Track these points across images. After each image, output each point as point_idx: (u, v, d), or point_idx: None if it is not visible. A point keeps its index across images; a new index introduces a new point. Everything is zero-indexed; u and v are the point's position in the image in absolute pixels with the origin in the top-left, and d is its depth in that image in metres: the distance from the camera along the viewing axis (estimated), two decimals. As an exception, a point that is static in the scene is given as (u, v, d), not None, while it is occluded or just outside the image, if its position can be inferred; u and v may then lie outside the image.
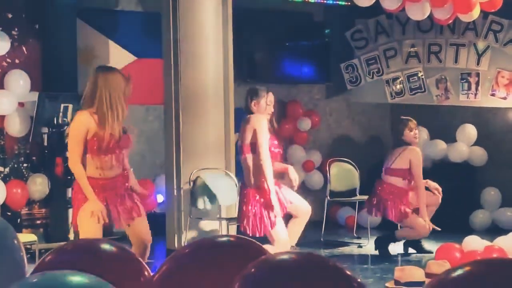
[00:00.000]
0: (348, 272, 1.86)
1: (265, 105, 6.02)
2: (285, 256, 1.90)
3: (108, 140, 4.72)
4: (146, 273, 2.24)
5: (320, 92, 9.91)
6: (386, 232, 7.49)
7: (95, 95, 4.76)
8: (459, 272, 1.86)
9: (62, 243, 2.57)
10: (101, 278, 1.84)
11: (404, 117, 7.40)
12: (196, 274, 2.09)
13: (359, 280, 1.84)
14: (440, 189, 7.28)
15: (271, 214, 5.74)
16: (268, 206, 5.74)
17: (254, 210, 5.77)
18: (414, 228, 7.01)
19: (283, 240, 5.79)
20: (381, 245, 7.22)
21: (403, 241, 7.38)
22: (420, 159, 7.08)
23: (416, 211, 7.06)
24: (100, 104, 4.73)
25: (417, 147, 7.28)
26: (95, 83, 4.80)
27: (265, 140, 5.85)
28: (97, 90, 4.76)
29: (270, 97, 6.10)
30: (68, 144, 4.86)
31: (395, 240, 7.20)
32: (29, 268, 2.41)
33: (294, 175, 6.08)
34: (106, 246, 2.26)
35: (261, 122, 5.91)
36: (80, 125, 4.74)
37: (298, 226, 6.14)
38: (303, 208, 6.10)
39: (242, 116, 8.28)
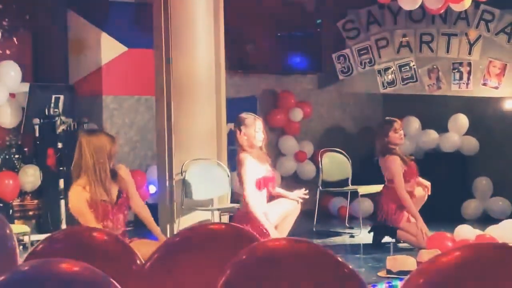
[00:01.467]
0: (340, 259, 1.86)
1: (254, 134, 5.94)
2: (276, 243, 1.91)
3: (100, 207, 4.80)
4: (138, 261, 2.25)
5: (312, 82, 9.91)
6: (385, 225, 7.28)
7: (81, 161, 4.87)
8: (444, 258, 1.88)
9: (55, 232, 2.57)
10: (93, 266, 1.84)
11: (389, 118, 7.23)
12: (188, 261, 2.10)
13: (350, 266, 1.85)
14: (429, 187, 7.18)
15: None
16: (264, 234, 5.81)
17: None
18: (415, 236, 6.88)
19: None
20: (377, 233, 7.14)
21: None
22: (397, 167, 6.84)
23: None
24: (86, 171, 4.83)
25: (400, 149, 7.05)
26: (79, 147, 4.90)
27: (249, 180, 5.89)
28: (82, 155, 4.86)
29: (259, 124, 6.02)
30: (81, 221, 4.87)
31: (394, 238, 7.06)
32: (21, 259, 2.41)
33: (295, 197, 6.15)
34: (97, 235, 2.26)
35: (244, 160, 5.91)
36: (79, 199, 4.82)
37: (288, 224, 6.22)
38: (291, 209, 6.18)
39: (234, 106, 8.31)
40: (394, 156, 6.91)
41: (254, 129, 5.97)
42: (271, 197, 6.29)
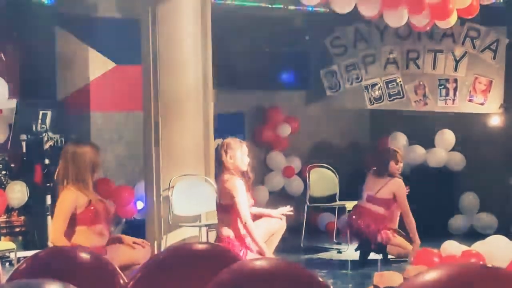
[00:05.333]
0: (321, 279, 1.88)
1: (240, 156, 5.93)
2: (258, 263, 1.92)
3: (97, 210, 4.93)
4: (121, 280, 2.25)
5: (300, 98, 9.95)
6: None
7: (64, 171, 5.00)
8: (427, 276, 1.89)
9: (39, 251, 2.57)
10: (76, 286, 1.84)
11: (392, 148, 7.42)
12: (171, 281, 2.10)
13: (331, 287, 1.86)
14: None
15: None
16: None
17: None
18: (403, 247, 7.03)
19: None
20: (364, 252, 7.19)
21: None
22: (405, 191, 7.13)
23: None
24: (67, 181, 4.97)
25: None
26: (64, 157, 5.03)
27: (245, 204, 5.81)
28: (67, 166, 5.00)
29: (244, 148, 6.02)
30: (55, 219, 4.96)
31: (382, 254, 7.15)
32: (6, 276, 2.41)
33: (278, 214, 6.13)
34: (80, 254, 2.26)
35: (236, 185, 5.84)
36: (70, 201, 4.90)
37: (273, 242, 6.19)
38: (277, 228, 6.15)
39: (221, 122, 8.32)
40: (401, 181, 7.14)
41: (240, 151, 5.96)
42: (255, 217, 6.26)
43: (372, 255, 7.23)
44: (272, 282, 1.82)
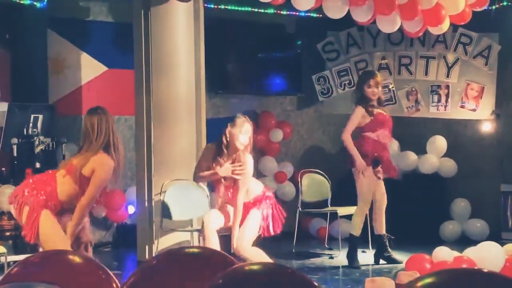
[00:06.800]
0: (315, 283, 1.87)
1: (237, 135, 5.73)
2: (252, 267, 1.91)
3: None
4: (114, 284, 2.23)
5: (292, 104, 9.95)
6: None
7: (105, 136, 5.04)
8: (420, 283, 1.89)
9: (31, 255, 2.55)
10: (68, 290, 1.82)
11: (369, 70, 7.42)
12: (164, 285, 2.09)
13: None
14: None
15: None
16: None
17: None
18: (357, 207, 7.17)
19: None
20: (352, 257, 7.20)
21: (373, 251, 7.43)
22: (355, 116, 7.10)
23: None
24: (107, 146, 5.00)
25: (375, 103, 7.12)
26: (104, 123, 5.11)
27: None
28: (107, 130, 5.07)
29: (246, 127, 5.76)
30: (94, 189, 4.98)
31: (355, 239, 7.18)
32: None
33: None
34: (73, 258, 2.24)
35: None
36: (110, 171, 4.96)
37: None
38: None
39: (214, 126, 8.30)
40: (358, 107, 7.11)
41: (240, 130, 5.73)
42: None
43: (363, 261, 7.23)
44: (267, 286, 1.81)
